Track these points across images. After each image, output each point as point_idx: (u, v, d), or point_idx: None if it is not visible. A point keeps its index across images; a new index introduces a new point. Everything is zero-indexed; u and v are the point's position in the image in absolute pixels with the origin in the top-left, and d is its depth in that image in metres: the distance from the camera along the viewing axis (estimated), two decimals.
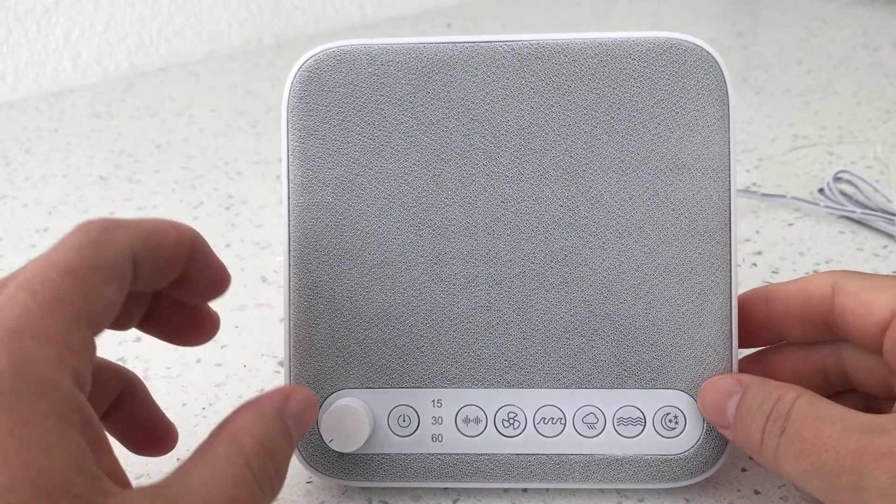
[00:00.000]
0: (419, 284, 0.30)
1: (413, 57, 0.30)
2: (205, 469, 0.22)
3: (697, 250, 0.30)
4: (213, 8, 0.90)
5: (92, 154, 0.66)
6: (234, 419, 0.24)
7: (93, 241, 0.22)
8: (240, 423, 0.24)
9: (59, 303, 0.21)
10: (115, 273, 0.22)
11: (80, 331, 0.21)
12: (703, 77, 0.30)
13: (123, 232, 0.23)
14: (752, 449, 0.27)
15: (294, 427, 0.25)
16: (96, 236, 0.23)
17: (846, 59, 0.80)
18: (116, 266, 0.22)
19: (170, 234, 0.25)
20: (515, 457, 0.31)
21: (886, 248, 0.47)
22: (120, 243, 0.23)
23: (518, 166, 0.30)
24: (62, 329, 0.21)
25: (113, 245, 0.23)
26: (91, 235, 0.23)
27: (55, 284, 0.21)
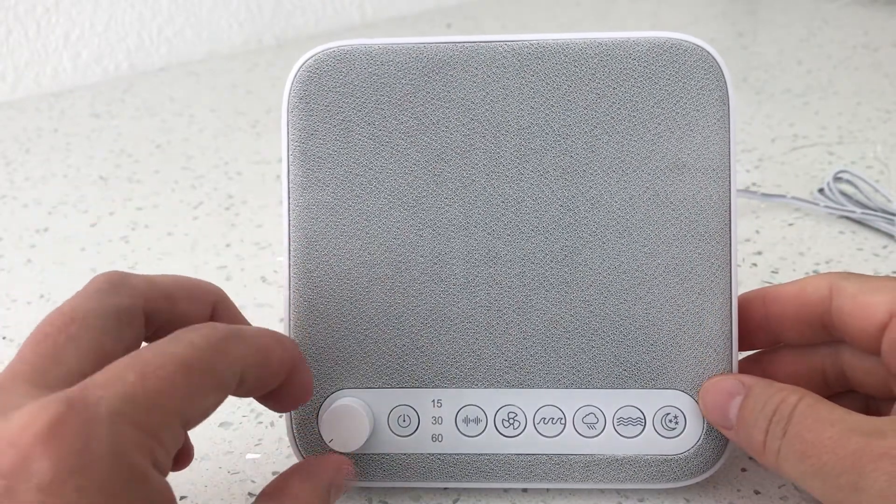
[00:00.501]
0: (419, 284, 0.30)
1: (413, 57, 0.30)
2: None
3: (697, 250, 0.30)
4: (213, 8, 0.90)
5: (92, 154, 0.66)
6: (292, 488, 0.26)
7: (212, 346, 0.23)
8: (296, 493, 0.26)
9: (165, 397, 0.21)
10: (221, 384, 0.23)
11: (175, 428, 0.22)
12: (703, 77, 0.30)
13: (241, 346, 0.24)
14: (755, 450, 0.27)
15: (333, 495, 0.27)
16: (217, 343, 0.23)
17: (846, 59, 0.80)
18: (225, 379, 0.23)
19: (276, 353, 0.26)
20: (515, 457, 0.31)
21: (886, 248, 0.47)
22: (235, 357, 0.24)
23: (518, 166, 0.30)
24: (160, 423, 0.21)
25: (229, 358, 0.23)
26: (211, 340, 0.23)
27: (167, 378, 0.21)
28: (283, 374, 0.26)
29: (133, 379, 0.21)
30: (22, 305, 0.46)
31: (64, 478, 0.19)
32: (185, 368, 0.22)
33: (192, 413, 0.22)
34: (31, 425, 0.19)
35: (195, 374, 0.22)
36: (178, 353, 0.22)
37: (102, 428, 0.20)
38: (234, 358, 0.24)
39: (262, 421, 0.36)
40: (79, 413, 0.20)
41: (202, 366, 0.22)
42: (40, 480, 0.19)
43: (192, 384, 0.22)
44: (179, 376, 0.22)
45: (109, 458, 0.20)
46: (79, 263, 0.49)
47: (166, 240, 0.52)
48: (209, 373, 0.23)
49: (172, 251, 0.50)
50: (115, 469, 0.20)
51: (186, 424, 0.22)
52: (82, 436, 0.19)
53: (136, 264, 0.49)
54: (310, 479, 0.26)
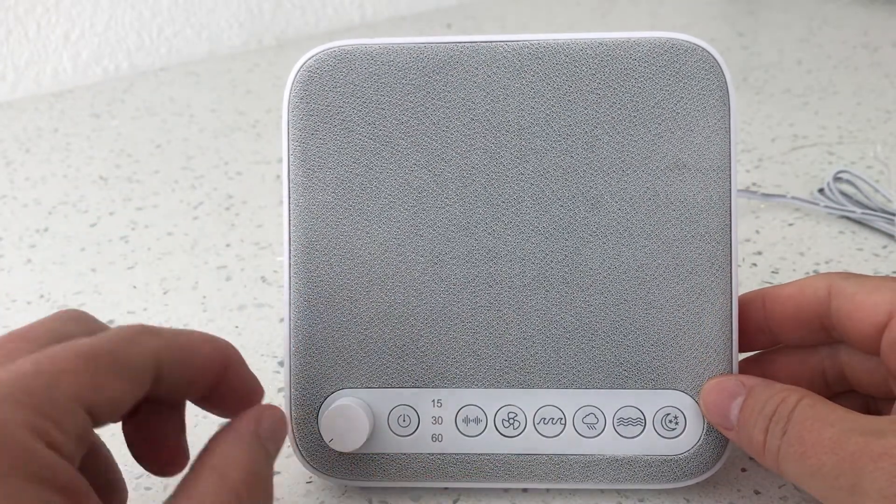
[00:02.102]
0: (419, 284, 0.30)
1: (413, 57, 0.30)
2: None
3: (698, 250, 0.30)
4: (213, 8, 0.90)
5: (92, 154, 0.66)
6: (215, 449, 0.25)
7: (119, 337, 0.23)
8: (222, 454, 0.25)
9: (58, 379, 0.21)
10: (130, 374, 0.23)
11: (73, 411, 0.21)
12: (703, 77, 0.30)
13: (153, 339, 0.24)
14: (755, 451, 0.27)
15: (271, 446, 0.26)
16: (125, 334, 0.24)
17: (846, 59, 0.80)
18: (134, 368, 0.23)
19: (202, 350, 0.25)
20: (515, 457, 0.31)
21: (886, 248, 0.47)
22: (146, 349, 0.24)
23: (518, 166, 0.30)
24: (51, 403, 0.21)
25: (138, 349, 0.23)
26: (121, 334, 0.24)
27: (64, 365, 0.22)
28: (213, 371, 0.26)
29: (28, 367, 0.21)
30: (22, 305, 0.46)
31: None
32: (85, 357, 0.22)
33: (97, 400, 0.22)
34: None
35: (96, 362, 0.22)
36: (81, 345, 0.23)
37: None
38: (144, 349, 0.24)
39: None
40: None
41: (105, 355, 0.23)
42: None
43: (91, 371, 0.22)
44: (78, 363, 0.22)
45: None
46: (79, 263, 0.49)
47: (166, 240, 0.52)
48: (114, 362, 0.23)
49: (172, 251, 0.50)
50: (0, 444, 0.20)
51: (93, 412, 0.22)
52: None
53: (136, 264, 0.49)
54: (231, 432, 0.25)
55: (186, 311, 0.44)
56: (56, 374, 0.22)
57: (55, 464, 0.21)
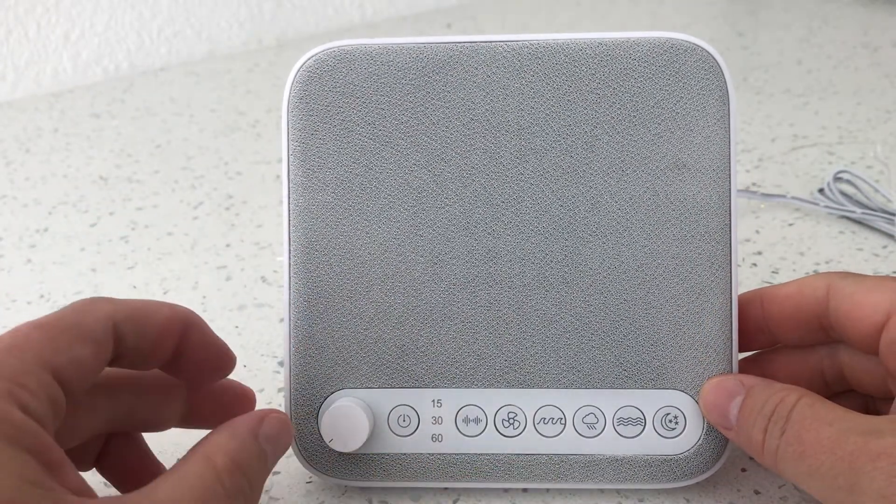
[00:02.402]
0: (419, 284, 0.30)
1: (413, 57, 0.30)
2: (176, 483, 0.23)
3: (697, 250, 0.30)
4: (213, 8, 0.90)
5: (92, 154, 0.66)
6: (209, 438, 0.26)
7: (74, 309, 0.25)
8: (213, 442, 0.25)
9: (19, 349, 0.22)
10: (88, 335, 0.24)
11: (38, 374, 0.22)
12: (703, 77, 0.30)
13: (108, 304, 0.25)
14: (754, 450, 0.27)
15: (269, 448, 0.26)
16: (80, 305, 0.25)
17: (846, 59, 0.80)
18: (91, 330, 0.24)
19: (161, 312, 0.26)
20: (515, 457, 0.31)
21: (886, 248, 0.47)
22: (100, 312, 0.25)
23: (518, 166, 0.30)
24: (17, 369, 0.22)
25: (93, 313, 0.25)
26: (75, 305, 0.25)
27: (22, 335, 0.23)
28: (173, 332, 0.27)
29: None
30: (22, 305, 0.46)
31: None
32: (41, 326, 0.23)
33: (60, 362, 0.23)
34: None
35: (53, 328, 0.23)
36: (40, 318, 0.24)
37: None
38: (98, 313, 0.25)
39: None
40: None
41: (60, 321, 0.24)
42: None
43: (50, 337, 0.23)
44: (38, 332, 0.23)
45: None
46: (79, 263, 0.49)
47: (166, 240, 0.52)
48: (69, 326, 0.24)
49: (172, 251, 0.50)
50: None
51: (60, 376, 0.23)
52: None
53: (136, 264, 0.49)
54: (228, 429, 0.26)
55: None
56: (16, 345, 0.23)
57: (28, 426, 0.21)
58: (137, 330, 0.26)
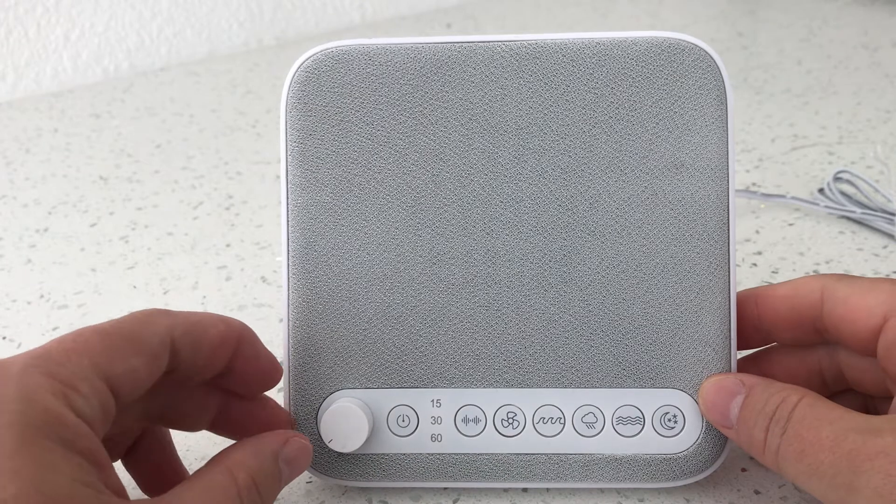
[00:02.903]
0: (418, 284, 0.30)
1: (411, 57, 0.30)
2: (200, 493, 0.24)
3: (696, 250, 0.30)
4: (213, 8, 0.90)
5: (92, 154, 0.66)
6: (233, 453, 0.26)
7: (135, 319, 0.25)
8: (238, 457, 0.26)
9: (78, 353, 0.23)
10: (145, 348, 0.24)
11: (93, 380, 0.23)
12: (701, 77, 0.30)
13: (167, 318, 0.26)
14: (755, 450, 0.27)
15: (286, 470, 0.27)
16: (141, 316, 0.25)
17: (846, 59, 0.80)
18: (149, 343, 0.25)
19: (216, 328, 0.27)
20: (515, 456, 0.31)
21: (886, 248, 0.47)
22: (160, 326, 0.25)
23: (516, 166, 0.30)
24: (73, 372, 0.22)
25: (153, 326, 0.25)
26: (137, 315, 0.25)
27: (83, 339, 0.23)
28: (227, 347, 0.27)
29: (51, 344, 0.23)
30: (22, 305, 0.46)
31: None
32: (102, 333, 0.24)
33: (114, 373, 0.23)
34: None
35: (112, 337, 0.24)
36: (99, 325, 0.24)
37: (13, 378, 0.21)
38: (157, 327, 0.25)
39: None
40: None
41: (121, 331, 0.24)
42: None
43: (108, 345, 0.23)
44: (96, 339, 0.23)
45: (19, 400, 0.21)
46: (79, 263, 0.50)
47: (166, 240, 0.52)
48: (129, 337, 0.24)
49: (172, 251, 0.50)
50: (26, 409, 0.21)
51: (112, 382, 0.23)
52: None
53: (136, 264, 0.49)
54: (252, 446, 0.27)
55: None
56: (75, 349, 0.23)
57: (81, 428, 0.22)
58: (193, 345, 0.26)
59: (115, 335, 0.24)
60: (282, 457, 0.27)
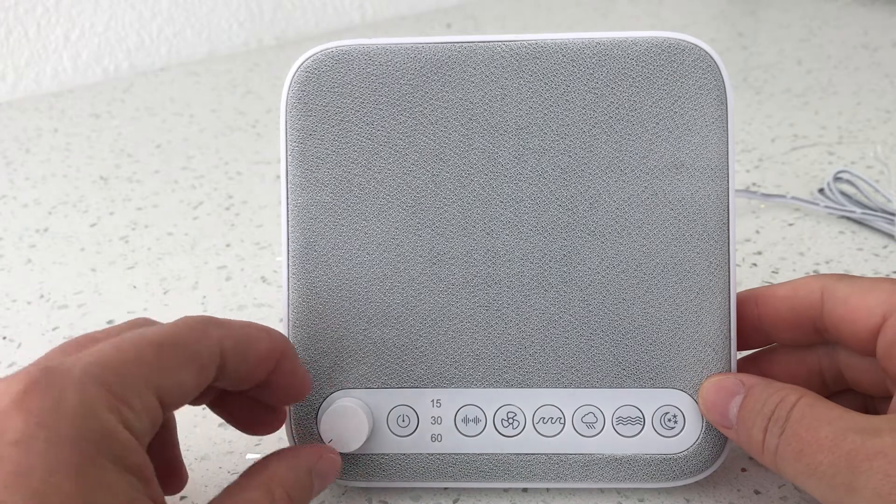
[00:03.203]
0: (418, 284, 0.31)
1: (411, 57, 0.30)
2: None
3: (696, 250, 0.30)
4: (213, 8, 0.90)
5: (92, 154, 0.66)
6: (270, 466, 0.27)
7: (189, 329, 0.25)
8: (275, 472, 0.26)
9: (133, 365, 0.23)
10: (196, 362, 0.24)
11: (145, 395, 0.23)
12: (701, 77, 0.30)
13: (218, 329, 0.25)
14: (754, 450, 0.27)
15: (317, 483, 0.28)
16: (193, 325, 0.25)
17: (846, 59, 0.80)
18: (200, 357, 0.25)
19: (262, 342, 0.27)
20: (515, 456, 0.31)
21: (886, 248, 0.47)
22: (211, 339, 0.25)
23: (516, 166, 0.30)
24: (128, 386, 0.22)
25: (205, 339, 0.25)
26: (190, 324, 0.25)
27: (137, 351, 0.23)
28: (270, 362, 0.27)
29: (107, 350, 0.23)
30: (22, 305, 0.46)
31: (34, 432, 0.20)
32: (158, 344, 0.23)
33: (167, 385, 0.23)
34: (9, 390, 0.21)
35: (167, 349, 0.24)
36: (154, 333, 0.24)
37: (72, 387, 0.21)
38: (210, 339, 0.25)
39: None
40: (53, 376, 0.21)
41: (175, 343, 0.24)
42: (13, 436, 0.20)
43: (163, 358, 0.23)
44: (151, 350, 0.23)
45: (78, 414, 0.21)
46: (79, 263, 0.50)
47: (166, 240, 0.52)
48: (183, 350, 0.24)
49: (172, 251, 0.50)
50: (83, 424, 0.21)
51: (162, 395, 0.23)
52: (53, 395, 0.21)
53: (136, 264, 0.49)
54: (288, 461, 0.27)
55: (186, 311, 0.44)
56: (132, 360, 0.23)
57: (131, 444, 0.22)
58: (240, 358, 0.26)
59: (170, 348, 0.24)
60: (315, 472, 0.28)
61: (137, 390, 0.22)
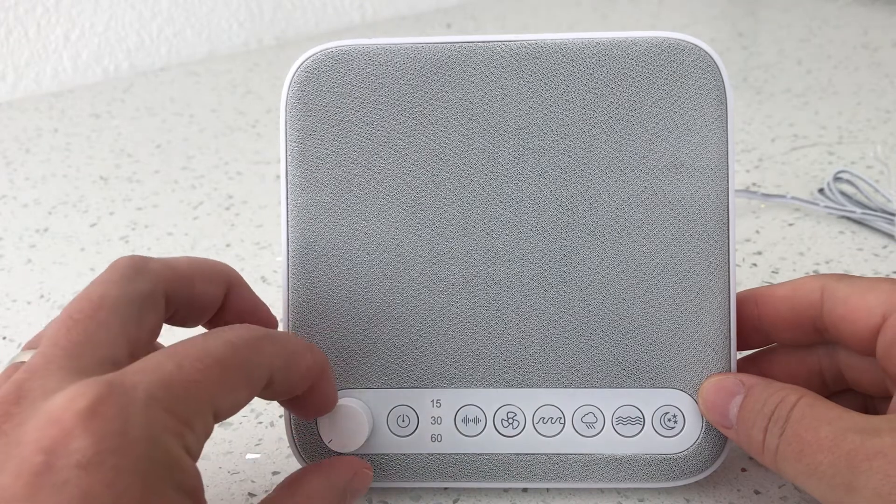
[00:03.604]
0: (418, 284, 0.31)
1: (411, 57, 0.30)
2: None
3: (696, 250, 0.30)
4: (213, 8, 0.90)
5: (92, 154, 0.66)
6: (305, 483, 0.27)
7: (248, 345, 0.24)
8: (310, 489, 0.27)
9: (199, 387, 0.22)
10: (252, 381, 0.24)
11: (205, 417, 0.23)
12: (700, 77, 0.30)
13: (271, 345, 0.25)
14: (754, 450, 0.27)
15: (349, 498, 0.28)
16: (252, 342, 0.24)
17: (846, 59, 0.80)
18: (256, 376, 0.24)
19: (305, 359, 0.27)
20: (515, 456, 0.31)
21: (886, 248, 0.47)
22: (266, 356, 0.25)
23: (516, 166, 0.30)
24: (191, 409, 0.22)
25: (261, 357, 0.25)
26: (247, 339, 0.24)
27: (203, 370, 0.22)
28: (310, 380, 0.27)
29: (170, 368, 0.22)
30: (22, 305, 0.46)
31: (103, 457, 0.20)
32: (220, 363, 0.23)
33: (224, 405, 0.23)
34: (72, 405, 0.20)
35: (229, 368, 0.23)
36: (214, 349, 0.23)
37: (139, 411, 0.20)
38: (265, 357, 0.25)
39: (262, 421, 0.36)
40: (118, 395, 0.20)
41: (236, 362, 0.23)
42: (80, 458, 0.19)
43: (225, 378, 0.23)
44: (214, 370, 0.23)
45: (146, 441, 0.20)
46: (79, 263, 0.50)
47: (166, 240, 0.52)
48: (242, 369, 0.24)
49: (172, 251, 0.50)
50: (150, 452, 0.20)
51: (217, 416, 0.23)
52: (121, 417, 0.20)
53: None
54: (326, 477, 0.27)
55: None
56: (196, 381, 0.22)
57: (191, 469, 0.22)
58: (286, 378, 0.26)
59: (232, 369, 0.23)
60: (349, 488, 0.28)
61: (199, 412, 0.22)
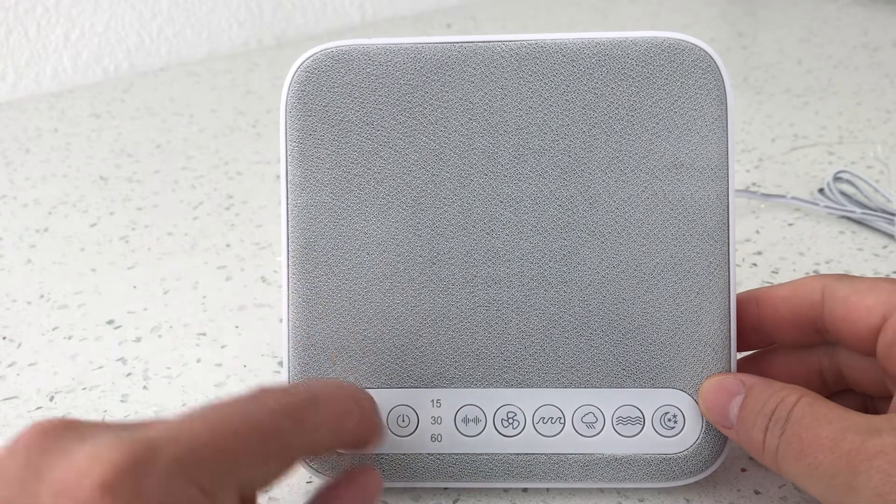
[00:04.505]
0: (418, 284, 0.31)
1: (411, 57, 0.30)
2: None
3: (696, 250, 0.30)
4: (213, 8, 0.90)
5: (92, 154, 0.66)
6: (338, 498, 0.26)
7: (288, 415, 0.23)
8: None
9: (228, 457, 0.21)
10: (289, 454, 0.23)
11: (230, 491, 0.21)
12: (700, 77, 0.30)
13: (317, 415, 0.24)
14: (754, 450, 0.27)
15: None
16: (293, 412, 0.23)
17: (846, 59, 0.80)
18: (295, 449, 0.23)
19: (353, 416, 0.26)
20: (515, 456, 0.31)
21: (886, 248, 0.47)
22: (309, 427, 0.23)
23: (516, 166, 0.30)
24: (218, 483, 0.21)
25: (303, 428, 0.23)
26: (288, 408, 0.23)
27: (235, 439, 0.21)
28: (359, 437, 0.27)
29: (203, 435, 0.21)
30: (22, 305, 0.46)
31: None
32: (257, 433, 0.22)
33: (253, 477, 0.22)
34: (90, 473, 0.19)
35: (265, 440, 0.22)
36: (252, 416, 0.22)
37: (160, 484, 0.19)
38: (308, 427, 0.23)
39: None
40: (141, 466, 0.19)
41: (273, 433, 0.22)
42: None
43: (257, 450, 0.22)
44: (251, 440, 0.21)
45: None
46: (79, 263, 0.50)
47: (166, 240, 0.52)
48: (278, 441, 0.22)
49: (172, 251, 0.50)
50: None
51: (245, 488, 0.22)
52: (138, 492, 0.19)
53: (136, 264, 0.49)
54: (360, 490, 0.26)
55: (186, 311, 0.44)
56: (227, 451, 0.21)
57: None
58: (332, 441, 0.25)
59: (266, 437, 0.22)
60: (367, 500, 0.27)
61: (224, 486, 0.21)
